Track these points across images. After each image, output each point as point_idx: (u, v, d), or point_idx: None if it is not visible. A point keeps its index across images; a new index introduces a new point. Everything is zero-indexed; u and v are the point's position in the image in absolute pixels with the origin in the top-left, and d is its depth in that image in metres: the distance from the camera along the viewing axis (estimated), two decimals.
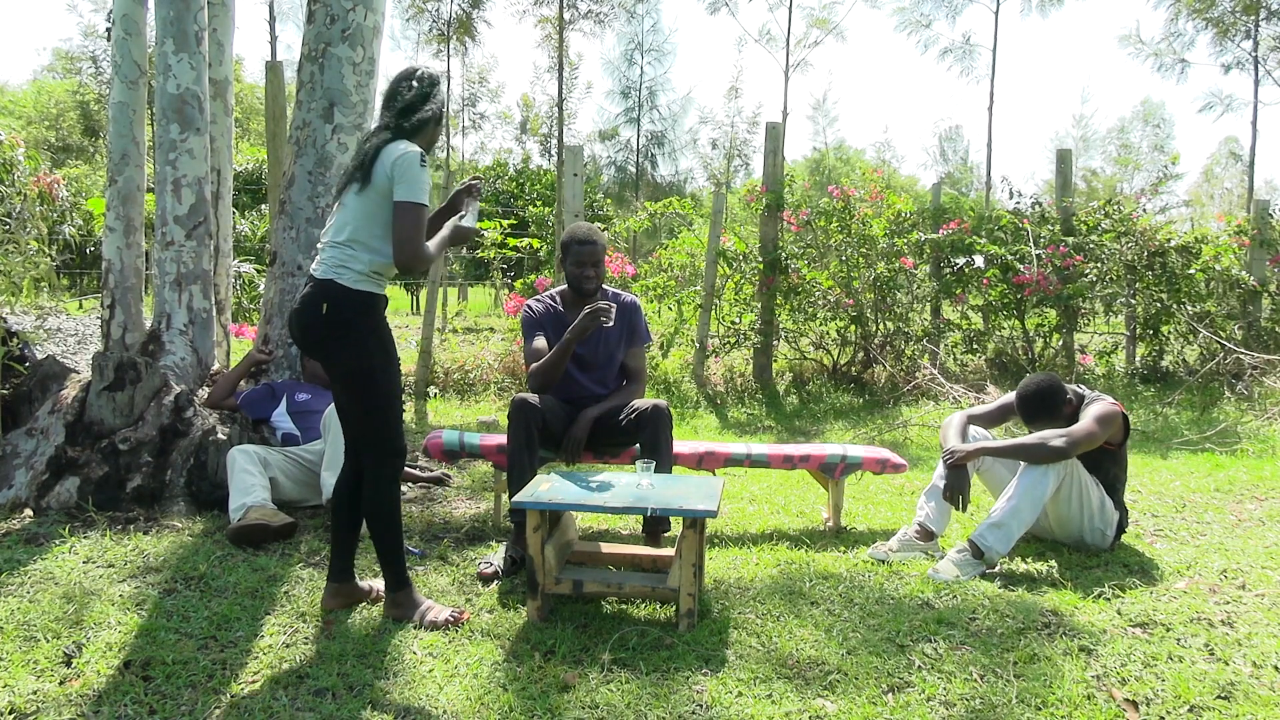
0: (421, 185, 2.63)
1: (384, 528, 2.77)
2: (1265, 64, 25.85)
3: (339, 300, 2.66)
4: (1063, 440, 3.36)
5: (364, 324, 2.69)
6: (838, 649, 2.61)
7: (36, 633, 2.59)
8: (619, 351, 3.78)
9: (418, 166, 2.63)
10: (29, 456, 3.86)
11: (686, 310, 8.01)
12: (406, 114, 2.75)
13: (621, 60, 35.04)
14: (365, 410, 2.72)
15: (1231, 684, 2.43)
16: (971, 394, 7.12)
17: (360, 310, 2.68)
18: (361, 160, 2.70)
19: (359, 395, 2.71)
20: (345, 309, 2.67)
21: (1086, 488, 3.46)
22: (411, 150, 2.65)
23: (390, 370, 2.73)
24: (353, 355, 2.68)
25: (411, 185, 2.62)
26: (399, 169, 2.62)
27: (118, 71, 4.48)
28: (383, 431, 2.73)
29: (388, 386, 2.72)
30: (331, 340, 2.69)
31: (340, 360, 2.70)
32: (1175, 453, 5.75)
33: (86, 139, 32.91)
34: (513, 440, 3.41)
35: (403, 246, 2.62)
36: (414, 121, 2.75)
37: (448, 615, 2.75)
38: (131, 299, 4.48)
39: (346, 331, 2.67)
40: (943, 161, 45.46)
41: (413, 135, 2.75)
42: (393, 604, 2.80)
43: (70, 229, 10.69)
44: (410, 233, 2.62)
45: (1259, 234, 8.83)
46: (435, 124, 2.82)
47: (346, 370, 2.70)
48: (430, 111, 2.78)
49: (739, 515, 4.11)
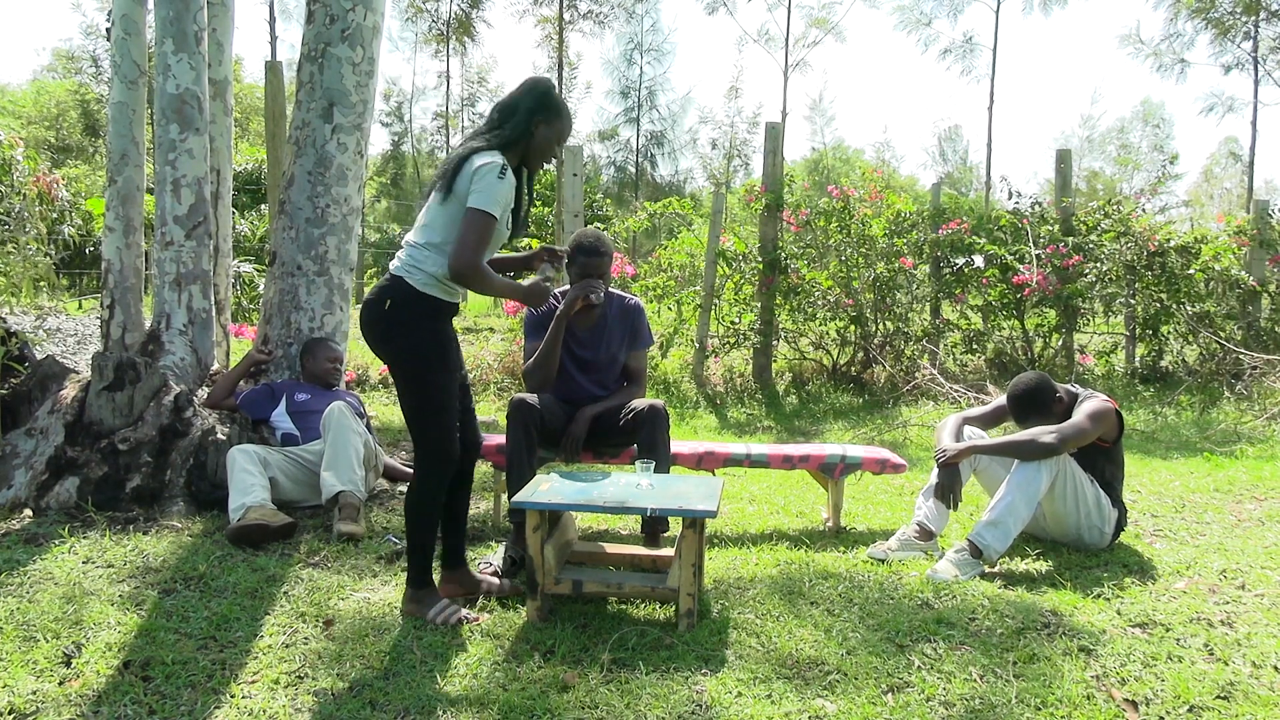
0: (494, 196, 2.60)
1: (415, 525, 2.79)
2: (1265, 64, 25.86)
3: (404, 299, 2.68)
4: (1053, 436, 3.38)
5: (424, 326, 2.70)
6: (838, 649, 2.61)
7: (36, 633, 2.59)
8: (621, 354, 3.78)
9: (494, 177, 2.60)
10: (28, 456, 3.86)
11: (686, 310, 8.01)
12: (498, 124, 2.75)
13: (621, 60, 35.07)
14: (414, 411, 2.75)
15: (1231, 684, 2.43)
16: (971, 394, 7.12)
17: (422, 313, 2.70)
18: (446, 168, 2.71)
19: (409, 395, 2.74)
20: (408, 309, 2.69)
21: (1081, 485, 3.47)
22: (493, 160, 2.63)
23: (444, 377, 2.73)
24: (408, 356, 2.71)
25: (483, 194, 2.60)
26: (477, 177, 2.61)
27: (117, 71, 4.48)
28: (429, 434, 2.74)
29: (439, 393, 2.72)
30: (390, 338, 2.72)
31: (395, 358, 2.74)
32: (1175, 453, 5.75)
33: (86, 139, 32.90)
34: (511, 440, 3.41)
35: (459, 253, 2.60)
36: (505, 131, 2.73)
37: (460, 616, 2.77)
38: (131, 299, 4.48)
39: (406, 332, 2.69)
40: (942, 161, 45.47)
41: (505, 147, 2.72)
42: (411, 599, 2.82)
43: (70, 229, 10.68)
44: (470, 240, 2.59)
45: (1258, 234, 8.84)
46: (530, 137, 2.75)
47: (401, 369, 2.73)
48: (521, 124, 2.73)
49: (739, 515, 4.11)
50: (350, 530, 3.47)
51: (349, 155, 4.53)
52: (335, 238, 4.51)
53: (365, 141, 4.65)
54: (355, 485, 3.62)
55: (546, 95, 2.77)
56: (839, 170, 37.09)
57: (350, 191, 4.57)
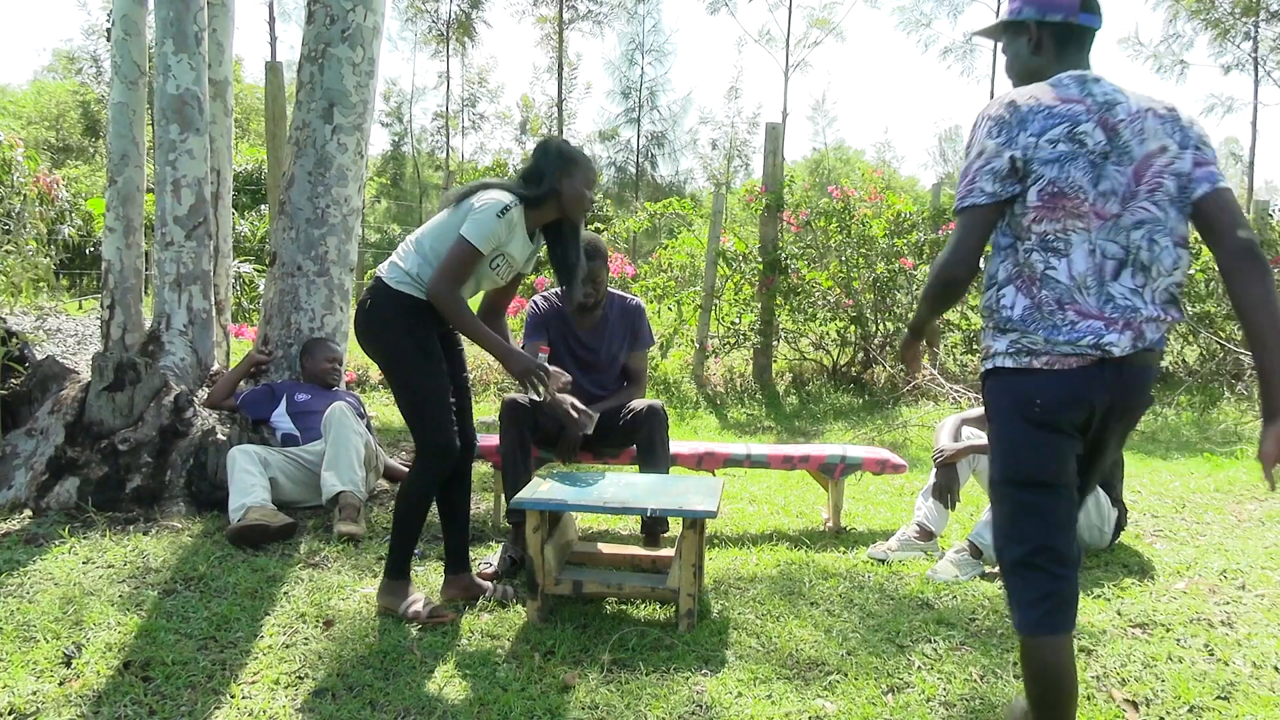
0: (484, 231, 2.67)
1: (399, 515, 2.81)
2: (1265, 65, 25.86)
3: (382, 298, 2.76)
4: None
5: (399, 324, 2.74)
6: (838, 649, 2.61)
7: (36, 633, 2.59)
8: (621, 354, 3.78)
9: (492, 215, 2.68)
10: (28, 457, 3.86)
11: (686, 311, 8.01)
12: (525, 178, 2.81)
13: (621, 60, 35.05)
14: (406, 407, 2.80)
15: (1231, 684, 2.43)
16: (971, 394, 7.11)
17: (398, 310, 2.74)
18: (466, 189, 2.79)
19: (397, 392, 2.80)
20: (386, 307, 2.75)
21: None
22: (499, 198, 2.71)
23: (427, 371, 2.75)
24: (387, 353, 2.77)
25: (475, 225, 2.67)
26: (477, 208, 2.69)
27: (117, 72, 4.48)
28: (420, 429, 2.77)
29: (425, 387, 2.74)
30: (372, 337, 2.79)
31: (378, 356, 2.82)
32: (1175, 453, 5.75)
33: (87, 139, 32.90)
34: (505, 442, 3.42)
35: (435, 275, 2.68)
36: (532, 189, 2.78)
37: (428, 612, 2.77)
38: (131, 299, 4.48)
39: (384, 329, 2.76)
40: (943, 162, 45.46)
41: (534, 203, 2.78)
42: (385, 590, 2.84)
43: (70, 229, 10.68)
44: (448, 265, 2.67)
45: (1259, 234, 8.84)
46: (558, 193, 2.79)
47: (384, 367, 2.81)
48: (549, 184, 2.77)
49: (739, 515, 4.11)
50: (350, 530, 3.47)
51: (349, 156, 4.53)
52: (335, 238, 4.51)
53: (365, 142, 4.65)
54: (356, 485, 3.62)
55: (560, 149, 2.83)
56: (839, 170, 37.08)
57: (350, 192, 4.57)
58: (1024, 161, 1.80)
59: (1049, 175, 1.79)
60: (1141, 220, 1.83)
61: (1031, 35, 1.96)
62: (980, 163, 1.84)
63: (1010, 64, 2.04)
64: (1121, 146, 1.81)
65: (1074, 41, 1.93)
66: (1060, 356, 1.81)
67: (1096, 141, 1.80)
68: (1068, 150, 1.79)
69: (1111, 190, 1.81)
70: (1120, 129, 1.81)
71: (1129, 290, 1.83)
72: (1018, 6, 1.97)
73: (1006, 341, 1.86)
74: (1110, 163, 1.81)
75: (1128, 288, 1.83)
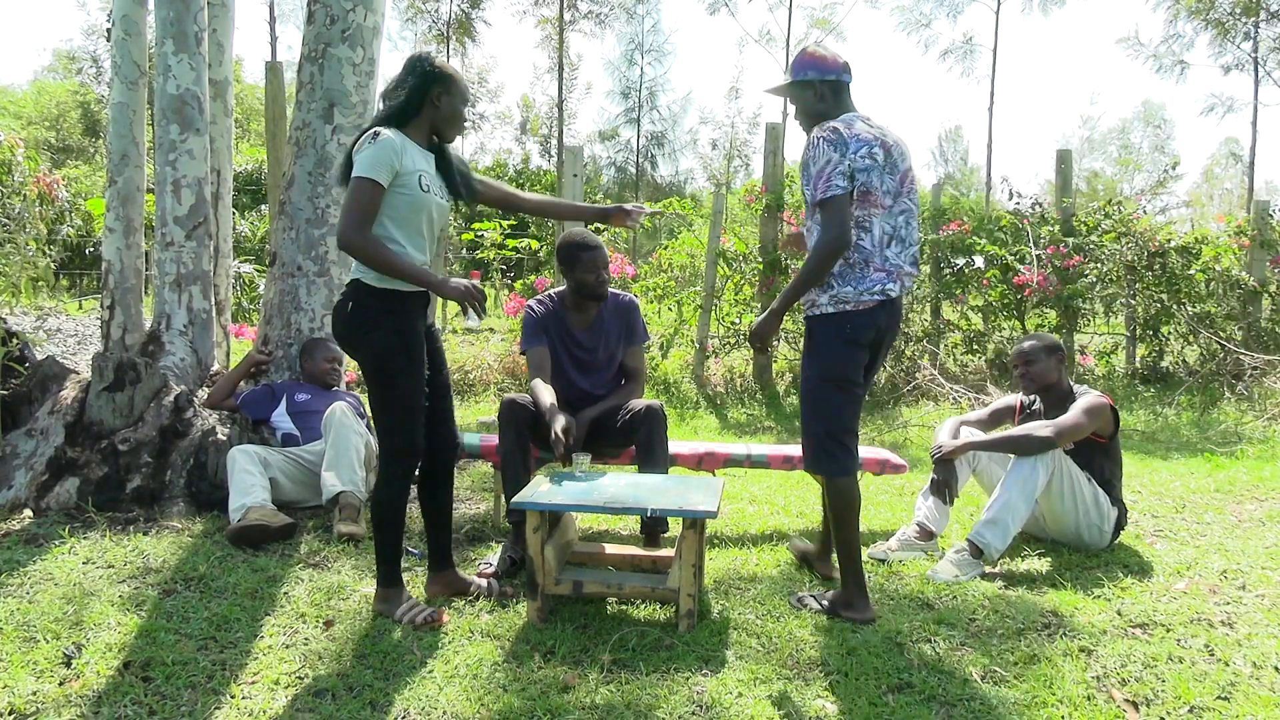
0: (370, 161, 2.58)
1: (378, 524, 2.80)
2: (1265, 65, 25.86)
3: (364, 299, 2.69)
4: (1049, 430, 3.40)
5: (385, 324, 2.70)
6: (838, 649, 2.61)
7: (36, 633, 2.59)
8: (619, 351, 3.78)
9: (369, 144, 2.61)
10: (29, 457, 3.86)
11: (686, 311, 8.01)
12: (385, 100, 2.76)
13: (621, 60, 35.06)
14: (380, 407, 2.76)
15: (1231, 684, 2.43)
16: (972, 395, 7.11)
17: (384, 309, 2.69)
18: (345, 158, 2.72)
19: (376, 392, 2.75)
20: (369, 308, 2.69)
21: (1078, 482, 3.47)
22: (367, 132, 2.65)
23: (410, 372, 2.73)
24: (372, 356, 2.71)
25: (361, 161, 2.60)
26: (355, 154, 2.63)
27: (117, 72, 4.48)
28: (393, 429, 2.75)
29: (405, 388, 2.72)
30: (356, 340, 2.73)
31: (362, 359, 2.75)
32: (1175, 453, 5.75)
33: (87, 139, 32.92)
34: (504, 442, 3.42)
35: (341, 224, 2.58)
36: (391, 108, 2.73)
37: (425, 616, 2.76)
38: (131, 299, 4.48)
39: (369, 331, 2.69)
40: (943, 162, 45.52)
41: (399, 123, 2.72)
42: (380, 598, 2.83)
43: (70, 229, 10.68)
44: (349, 206, 2.58)
45: (1259, 235, 8.82)
46: (435, 109, 2.74)
47: (367, 369, 2.74)
48: (404, 96, 2.70)
49: (739, 515, 4.11)
50: (350, 530, 3.47)
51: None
52: (336, 238, 4.51)
53: None
54: (356, 486, 3.62)
55: (434, 66, 2.74)
56: None
57: None
58: (851, 169, 2.68)
59: (861, 179, 2.69)
60: (904, 209, 2.80)
61: (816, 90, 2.82)
62: (830, 167, 2.67)
63: (800, 110, 2.87)
64: (892, 163, 2.76)
65: (844, 92, 2.84)
66: (862, 299, 2.73)
67: (881, 159, 2.72)
68: (870, 164, 2.70)
69: (888, 190, 2.75)
70: (890, 150, 2.76)
71: (895, 254, 2.78)
72: (802, 71, 2.83)
73: (827, 297, 2.76)
74: (887, 173, 2.74)
75: (894, 253, 2.78)
